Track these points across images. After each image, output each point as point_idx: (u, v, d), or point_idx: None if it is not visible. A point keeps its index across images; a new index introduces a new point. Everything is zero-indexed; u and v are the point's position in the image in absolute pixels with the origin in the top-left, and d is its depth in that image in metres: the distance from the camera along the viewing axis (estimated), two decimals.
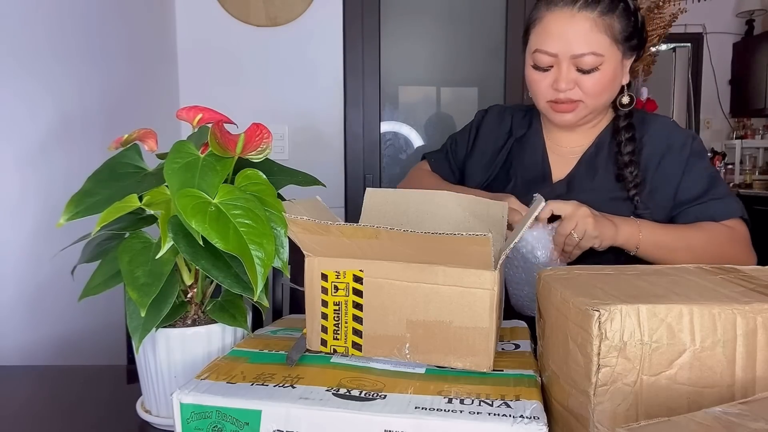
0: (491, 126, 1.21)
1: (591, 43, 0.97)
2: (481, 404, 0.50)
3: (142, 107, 1.72)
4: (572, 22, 0.97)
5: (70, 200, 0.66)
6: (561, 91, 1.00)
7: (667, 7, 2.57)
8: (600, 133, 1.11)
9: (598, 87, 1.00)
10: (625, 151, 1.04)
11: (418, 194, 0.82)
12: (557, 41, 0.98)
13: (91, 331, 1.28)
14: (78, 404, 0.78)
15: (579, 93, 1.00)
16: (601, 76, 0.99)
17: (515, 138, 1.18)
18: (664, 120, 1.13)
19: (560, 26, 0.98)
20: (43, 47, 1.21)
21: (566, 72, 0.99)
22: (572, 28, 0.97)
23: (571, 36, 0.97)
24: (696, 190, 1.04)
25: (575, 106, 1.02)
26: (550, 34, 0.99)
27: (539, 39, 1.01)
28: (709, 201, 1.03)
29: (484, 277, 0.58)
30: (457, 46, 2.34)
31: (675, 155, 1.05)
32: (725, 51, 4.58)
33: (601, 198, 1.04)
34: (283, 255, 0.65)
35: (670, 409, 0.45)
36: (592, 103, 1.02)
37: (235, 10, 2.06)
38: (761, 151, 4.61)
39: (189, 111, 0.70)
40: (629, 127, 1.06)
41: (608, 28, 0.98)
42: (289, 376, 0.56)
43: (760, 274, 0.55)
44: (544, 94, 1.03)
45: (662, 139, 1.07)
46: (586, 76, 0.99)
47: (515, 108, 1.24)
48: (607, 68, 0.99)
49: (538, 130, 1.16)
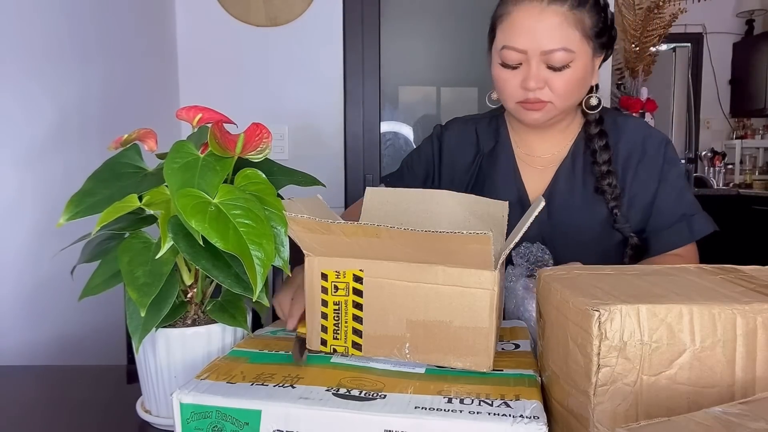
0: (456, 140, 1.16)
1: (562, 39, 0.93)
2: (481, 404, 0.50)
3: (142, 107, 1.72)
4: (542, 16, 0.93)
5: (70, 200, 0.66)
6: (530, 89, 0.95)
7: (667, 7, 2.57)
8: (574, 141, 1.08)
9: (569, 86, 0.96)
10: (601, 161, 1.02)
11: (418, 194, 0.82)
12: (526, 37, 0.93)
13: (91, 331, 1.28)
14: (78, 404, 0.78)
15: (548, 93, 0.96)
16: (571, 75, 0.95)
17: (483, 153, 1.13)
18: (637, 122, 1.10)
19: (529, 21, 0.93)
20: (43, 47, 1.21)
21: (536, 70, 0.94)
22: (542, 23, 0.93)
23: (541, 31, 0.93)
24: (668, 208, 1.03)
25: (544, 106, 0.98)
26: (518, 30, 0.94)
27: (507, 35, 0.96)
28: (675, 225, 1.02)
29: (484, 277, 0.58)
30: (457, 46, 2.34)
31: (650, 162, 1.04)
32: (725, 51, 4.58)
33: (582, 218, 1.02)
34: (284, 254, 0.65)
35: (670, 409, 0.44)
36: (561, 104, 0.98)
37: (235, 10, 2.06)
38: (761, 151, 4.61)
39: (189, 111, 0.70)
40: (602, 134, 1.03)
41: (579, 22, 0.94)
42: (289, 376, 0.56)
43: (760, 274, 0.55)
44: (513, 95, 0.99)
45: (637, 144, 1.05)
46: (556, 74, 0.95)
47: (477, 118, 1.18)
48: (578, 66, 0.95)
49: (506, 140, 1.12)
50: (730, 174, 4.57)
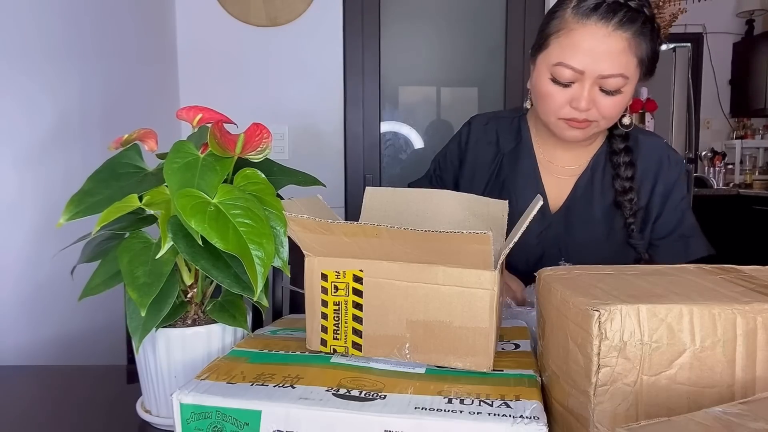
0: (477, 136, 1.16)
1: (621, 65, 0.91)
2: (481, 404, 0.50)
3: (142, 107, 1.72)
4: (607, 41, 0.90)
5: (70, 200, 0.66)
6: (581, 110, 0.94)
7: (667, 7, 2.57)
8: (595, 155, 1.08)
9: (617, 109, 0.96)
10: (624, 176, 1.02)
11: (418, 193, 0.82)
12: (586, 58, 0.91)
13: (91, 331, 1.28)
14: (78, 404, 0.78)
15: (595, 114, 0.95)
16: (621, 99, 0.94)
17: (504, 153, 1.12)
18: (657, 142, 1.10)
19: (593, 43, 0.90)
20: (43, 47, 1.21)
21: (589, 91, 0.93)
22: (605, 47, 0.90)
23: (603, 55, 0.90)
24: (669, 225, 1.04)
25: (589, 125, 0.97)
26: (579, 49, 0.91)
27: (565, 52, 0.93)
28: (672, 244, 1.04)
29: (484, 277, 0.58)
30: (457, 46, 2.34)
31: (663, 181, 1.05)
32: (725, 51, 4.58)
33: (599, 233, 1.03)
34: (283, 254, 0.65)
35: (670, 409, 0.44)
36: (605, 125, 0.98)
37: (235, 10, 2.06)
38: (761, 151, 4.61)
39: (189, 111, 0.70)
40: (628, 150, 1.03)
41: (638, 49, 0.92)
42: (289, 376, 0.56)
43: (760, 274, 0.55)
44: (558, 111, 0.97)
45: (654, 163, 1.05)
46: (607, 97, 0.93)
47: (498, 116, 1.17)
48: (628, 90, 0.94)
49: (528, 142, 1.11)
50: (730, 174, 4.57)
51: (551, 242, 1.04)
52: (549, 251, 1.04)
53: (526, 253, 1.03)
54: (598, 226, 1.04)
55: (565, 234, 1.05)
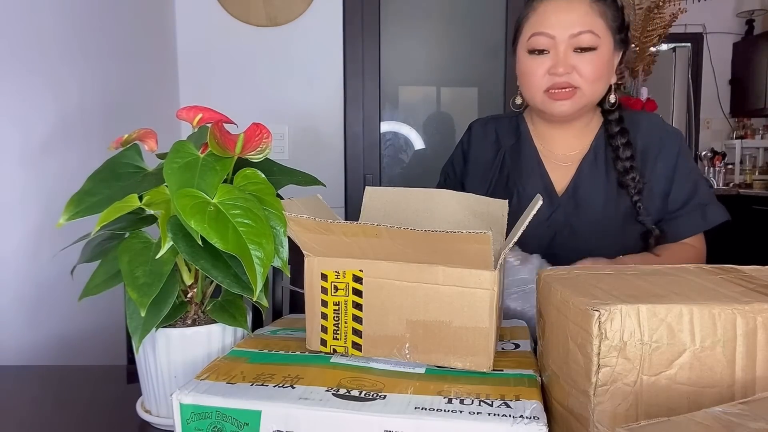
0: (478, 137, 1.21)
1: (588, 23, 0.99)
2: (481, 404, 0.50)
3: (142, 107, 1.72)
4: (569, 8, 1.00)
5: (70, 200, 0.66)
6: (559, 75, 1.00)
7: (667, 7, 2.57)
8: (595, 138, 1.11)
9: (596, 70, 1.01)
10: (624, 156, 1.05)
11: (418, 193, 0.82)
12: (555, 23, 1.00)
13: (91, 331, 1.28)
14: (78, 404, 0.78)
15: (577, 78, 1.01)
16: (597, 59, 1.00)
17: (505, 148, 1.17)
18: (652, 117, 1.14)
19: (557, 12, 1.01)
20: (43, 47, 1.21)
21: (564, 56, 1.00)
22: (569, 13, 1.00)
23: (569, 17, 1.00)
24: (682, 197, 1.06)
25: (573, 93, 1.02)
26: (547, 19, 1.01)
27: (535, 25, 1.02)
28: (689, 213, 1.06)
29: (484, 277, 0.58)
30: (457, 46, 2.34)
31: (667, 155, 1.07)
32: (725, 51, 4.58)
33: (607, 211, 1.05)
34: (283, 254, 0.65)
35: (670, 409, 0.44)
36: (590, 90, 1.02)
37: (235, 10, 2.06)
38: (761, 151, 4.61)
39: (189, 111, 0.70)
40: (623, 132, 1.07)
41: (602, 14, 1.01)
42: (289, 376, 0.56)
43: (760, 274, 0.55)
44: (541, 83, 1.03)
45: (654, 138, 1.08)
46: (584, 58, 1.00)
47: (496, 118, 1.23)
48: (603, 51, 1.01)
49: (527, 137, 1.15)
50: (730, 174, 4.56)
51: (561, 224, 1.07)
52: (560, 232, 1.07)
53: (538, 237, 1.05)
54: (605, 205, 1.06)
55: (574, 214, 1.07)
